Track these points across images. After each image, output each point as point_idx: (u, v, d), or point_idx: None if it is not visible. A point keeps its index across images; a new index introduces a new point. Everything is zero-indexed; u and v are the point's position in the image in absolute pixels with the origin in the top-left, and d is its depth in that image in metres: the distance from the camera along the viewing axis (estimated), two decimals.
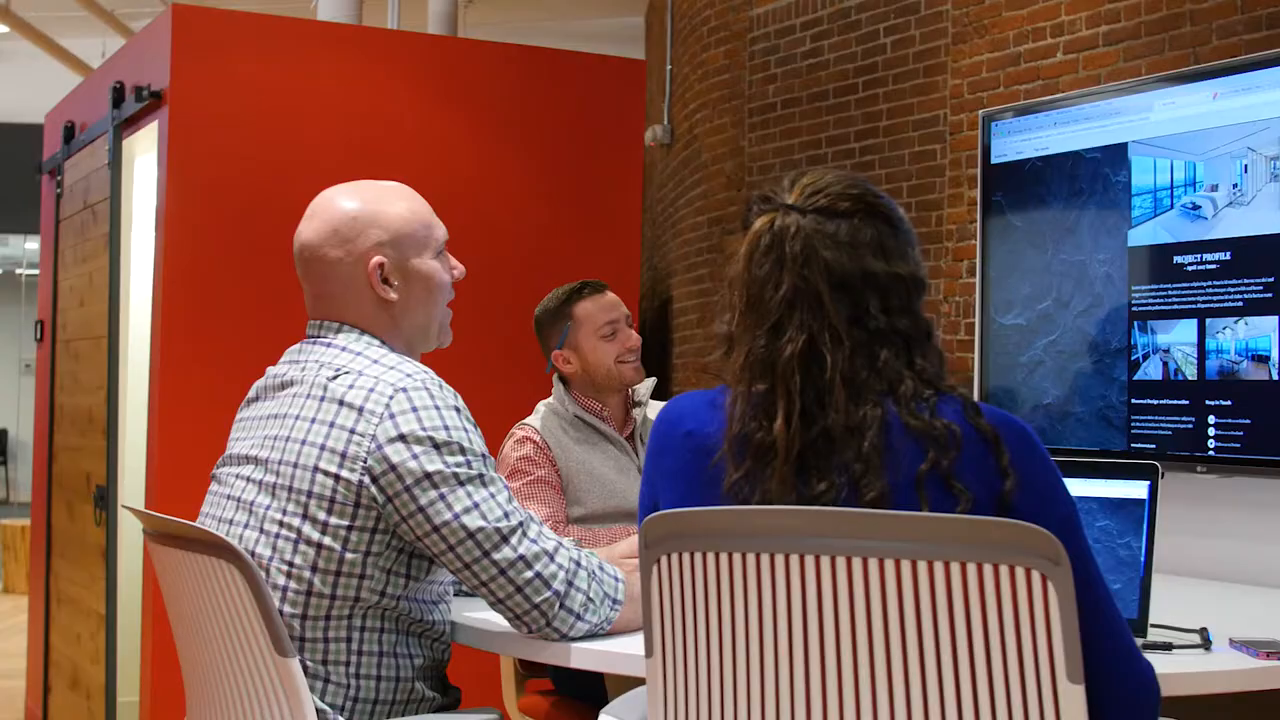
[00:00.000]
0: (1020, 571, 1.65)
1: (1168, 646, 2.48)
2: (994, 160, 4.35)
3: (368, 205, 2.57)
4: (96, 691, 5.38)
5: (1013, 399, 4.21)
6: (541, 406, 3.89)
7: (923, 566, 1.68)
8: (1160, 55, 4.29)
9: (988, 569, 1.66)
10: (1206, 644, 2.51)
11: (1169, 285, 3.81)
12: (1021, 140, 4.25)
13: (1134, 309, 3.89)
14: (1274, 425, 3.55)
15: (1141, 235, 3.89)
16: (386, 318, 2.58)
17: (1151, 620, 2.58)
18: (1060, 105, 4.18)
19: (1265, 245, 3.58)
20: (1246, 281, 3.62)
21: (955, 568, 1.67)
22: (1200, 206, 3.75)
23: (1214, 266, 3.70)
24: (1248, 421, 3.61)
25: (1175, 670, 2.31)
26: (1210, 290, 3.70)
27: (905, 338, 1.98)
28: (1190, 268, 3.76)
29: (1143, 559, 2.59)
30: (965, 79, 5.07)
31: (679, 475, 2.05)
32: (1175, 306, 3.79)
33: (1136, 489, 2.65)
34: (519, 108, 5.59)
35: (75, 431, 5.90)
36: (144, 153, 5.48)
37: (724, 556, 1.80)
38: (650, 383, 3.92)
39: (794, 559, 1.74)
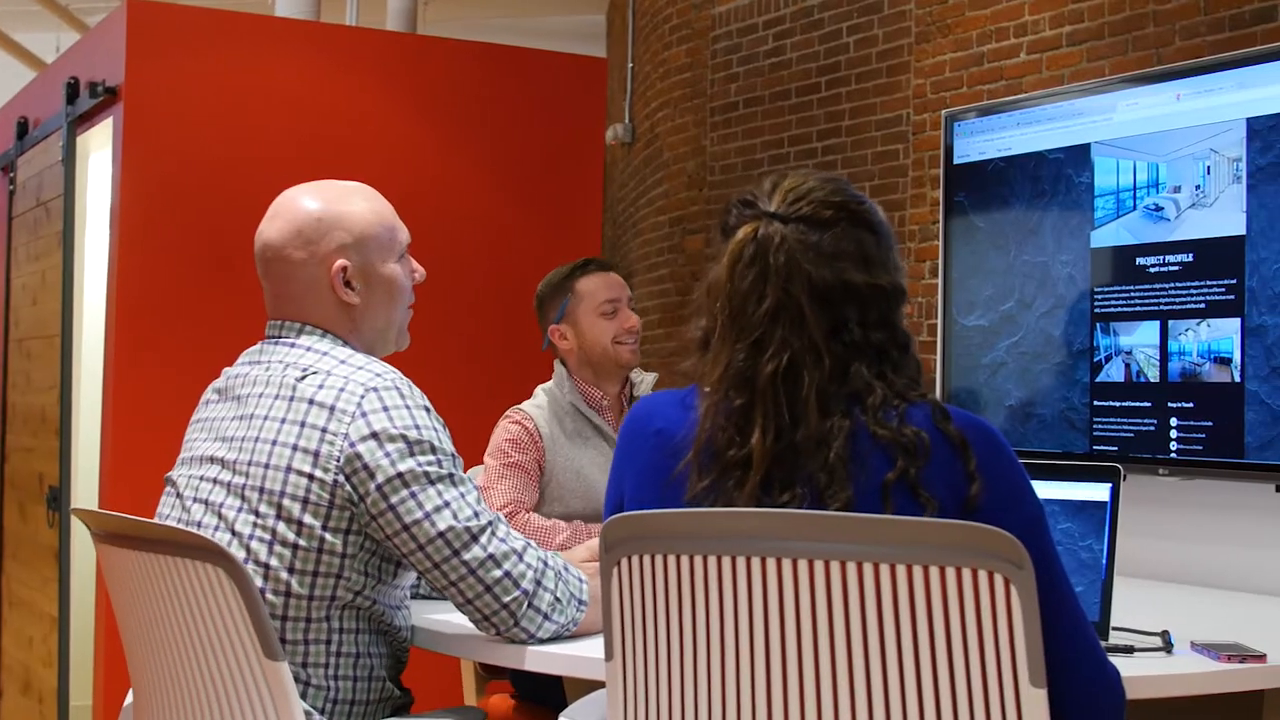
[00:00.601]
0: (983, 575, 1.64)
1: (1129, 649, 2.47)
2: (957, 160, 4.34)
3: (332, 206, 2.55)
4: (49, 695, 5.32)
5: (975, 400, 4.20)
6: (540, 392, 3.82)
7: (884, 570, 1.66)
8: (1124, 56, 4.29)
9: (950, 572, 1.65)
10: (1168, 647, 2.50)
11: (1131, 287, 3.80)
12: (984, 140, 4.24)
13: (1096, 311, 3.89)
14: (1236, 428, 3.55)
15: (1104, 236, 3.89)
16: (347, 320, 2.56)
17: (1113, 623, 2.58)
18: (1023, 105, 4.17)
19: (1227, 247, 3.58)
20: (1209, 283, 3.62)
21: (918, 571, 1.65)
22: (1163, 208, 3.74)
23: (1176, 268, 3.70)
24: (1209, 424, 3.61)
25: (1137, 673, 2.30)
26: (1172, 292, 3.70)
27: (879, 350, 1.97)
28: (1153, 269, 3.75)
29: (1104, 561, 2.59)
30: (928, 79, 5.06)
31: (646, 473, 2.03)
32: (1137, 308, 3.78)
33: (1098, 491, 2.65)
34: (479, 105, 5.55)
35: (28, 432, 5.84)
36: (98, 149, 5.44)
37: (684, 559, 1.79)
38: (652, 378, 3.86)
39: (755, 562, 1.73)
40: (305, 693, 2.37)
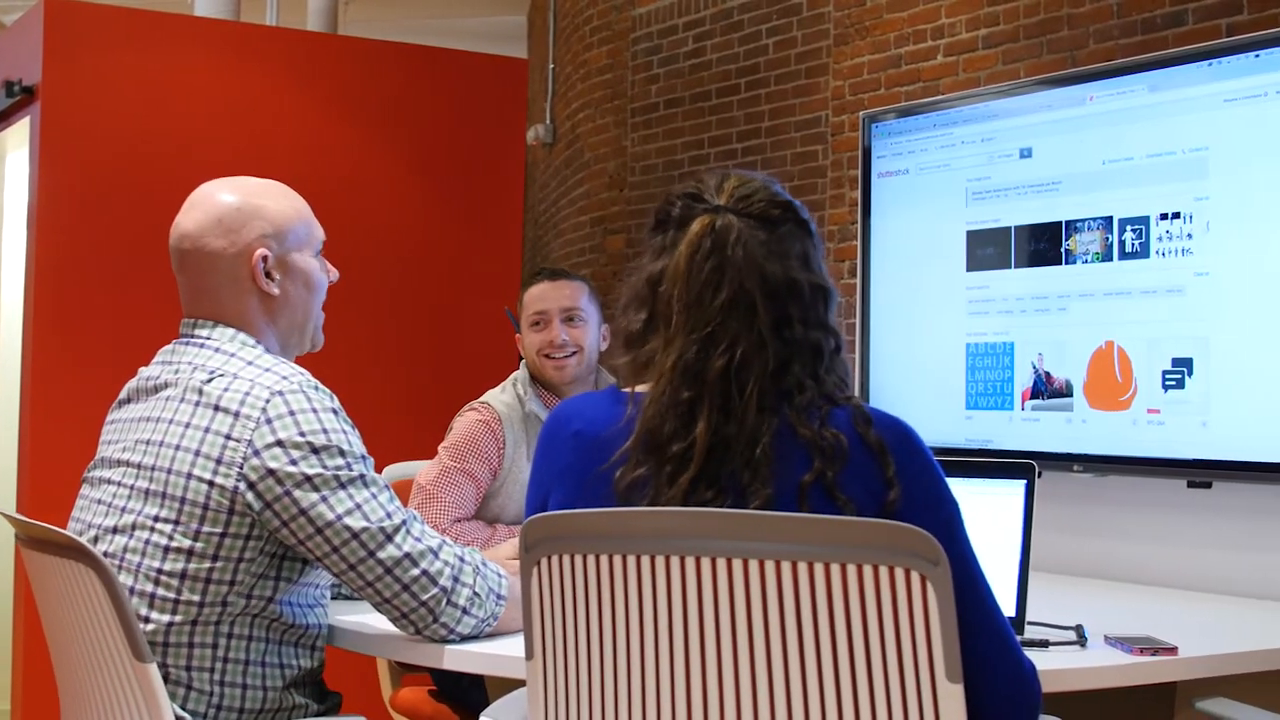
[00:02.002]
0: (899, 572, 1.65)
1: (1044, 644, 2.50)
2: (875, 161, 4.37)
3: (251, 198, 2.54)
4: None
5: (893, 400, 4.23)
6: (510, 386, 3.77)
7: (802, 568, 1.67)
8: (1038, 59, 4.34)
9: (867, 570, 1.66)
10: (1082, 641, 2.54)
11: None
12: (902, 142, 4.28)
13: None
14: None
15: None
16: (264, 314, 2.54)
17: (1029, 618, 2.60)
18: (940, 107, 4.21)
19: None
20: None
21: (835, 569, 1.66)
22: None
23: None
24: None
25: (1052, 667, 2.32)
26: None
27: (815, 349, 1.98)
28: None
29: (1020, 558, 2.61)
30: (847, 80, 5.09)
31: (569, 473, 2.03)
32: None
33: (1014, 488, 2.67)
34: (399, 106, 5.54)
35: None
36: (15, 149, 5.39)
37: (604, 558, 1.79)
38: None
39: (674, 560, 1.73)
40: (187, 696, 2.35)
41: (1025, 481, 2.66)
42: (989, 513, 2.65)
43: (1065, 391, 3.77)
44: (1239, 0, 3.80)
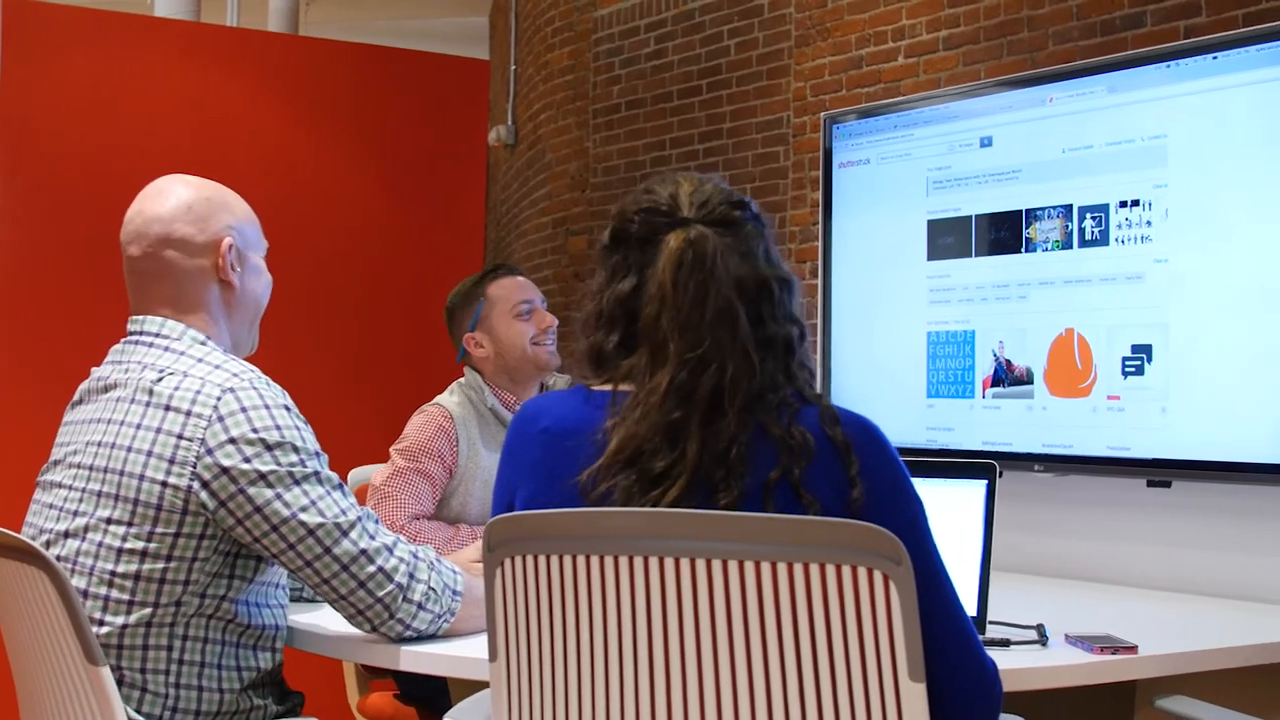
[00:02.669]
0: (862, 572, 1.66)
1: (1006, 643, 2.51)
2: (836, 162, 4.37)
3: (216, 193, 2.58)
4: None
5: (854, 399, 4.24)
6: (456, 389, 3.76)
7: (765, 568, 1.67)
8: (999, 60, 4.36)
9: (830, 569, 1.66)
10: (1043, 640, 2.55)
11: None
12: (864, 142, 4.29)
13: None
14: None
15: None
16: (224, 304, 2.55)
17: (990, 617, 2.61)
18: (901, 108, 4.23)
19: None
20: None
21: (798, 569, 1.66)
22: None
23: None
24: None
25: (1013, 666, 2.34)
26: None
27: (787, 343, 1.99)
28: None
29: (981, 557, 2.62)
30: (808, 81, 5.10)
31: (536, 469, 2.02)
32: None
33: (975, 488, 2.68)
34: (360, 107, 5.53)
35: None
36: None
37: (568, 559, 1.79)
38: (565, 381, 3.77)
39: (638, 561, 1.73)
40: (142, 699, 2.34)
41: (986, 481, 2.66)
42: (950, 513, 2.65)
43: (1026, 379, 3.79)
44: (1197, 2, 3.82)
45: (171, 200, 2.53)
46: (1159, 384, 3.51)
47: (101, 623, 2.31)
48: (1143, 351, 3.54)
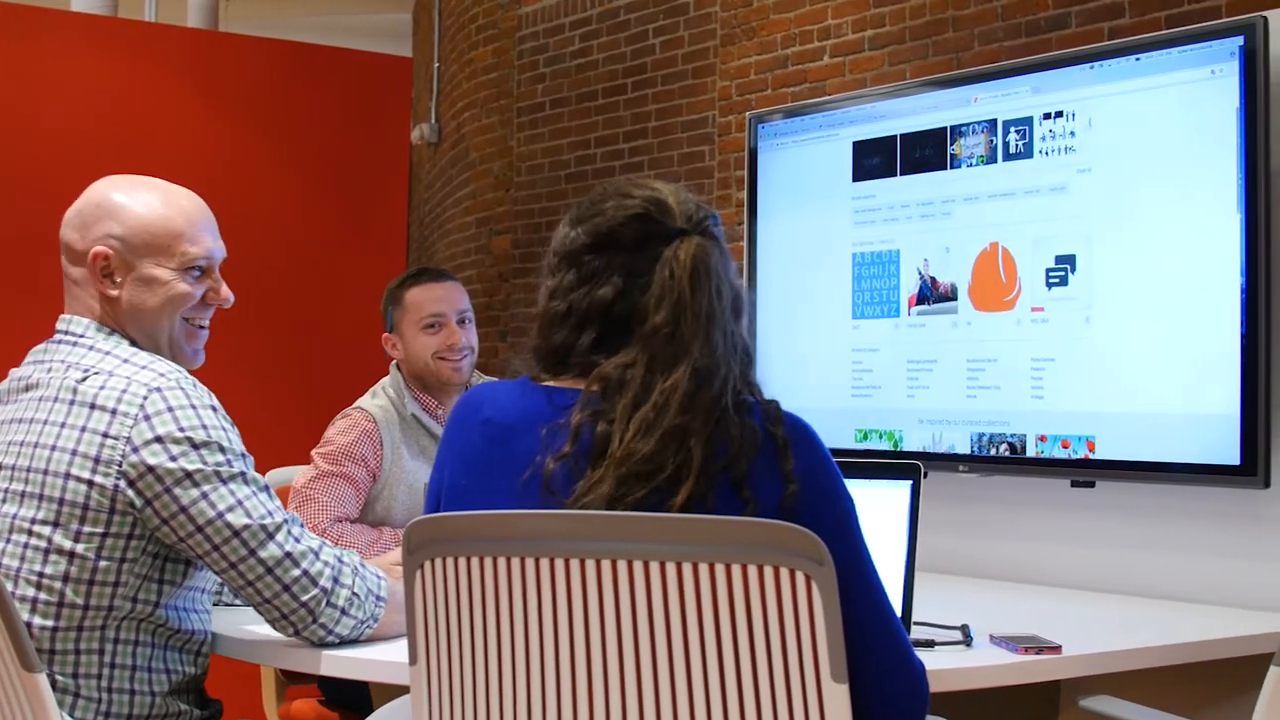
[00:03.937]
0: (784, 572, 1.65)
1: (930, 643, 2.51)
2: (761, 162, 4.36)
3: (120, 197, 2.48)
4: None
5: (780, 396, 4.22)
6: (381, 392, 3.73)
7: (687, 568, 1.67)
8: (924, 60, 4.37)
9: (752, 570, 1.66)
10: (968, 640, 2.55)
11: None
12: (789, 141, 4.28)
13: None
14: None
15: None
16: (109, 316, 2.48)
17: (915, 618, 2.61)
18: (826, 108, 4.22)
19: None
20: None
21: (720, 569, 1.66)
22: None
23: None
24: (1008, 422, 3.68)
25: (938, 666, 2.32)
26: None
27: (746, 350, 2.04)
28: None
29: (906, 558, 2.61)
30: (733, 80, 5.10)
31: (473, 459, 2.01)
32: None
33: (900, 488, 2.67)
34: (280, 104, 5.48)
35: None
36: None
37: (487, 561, 1.77)
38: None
39: (558, 563, 1.72)
40: (75, 704, 2.31)
41: (911, 482, 2.66)
42: (875, 513, 2.64)
43: (950, 295, 3.79)
44: (1121, 4, 3.84)
45: (74, 205, 2.50)
46: (1083, 294, 3.51)
47: (30, 625, 2.26)
48: (1066, 262, 3.54)
